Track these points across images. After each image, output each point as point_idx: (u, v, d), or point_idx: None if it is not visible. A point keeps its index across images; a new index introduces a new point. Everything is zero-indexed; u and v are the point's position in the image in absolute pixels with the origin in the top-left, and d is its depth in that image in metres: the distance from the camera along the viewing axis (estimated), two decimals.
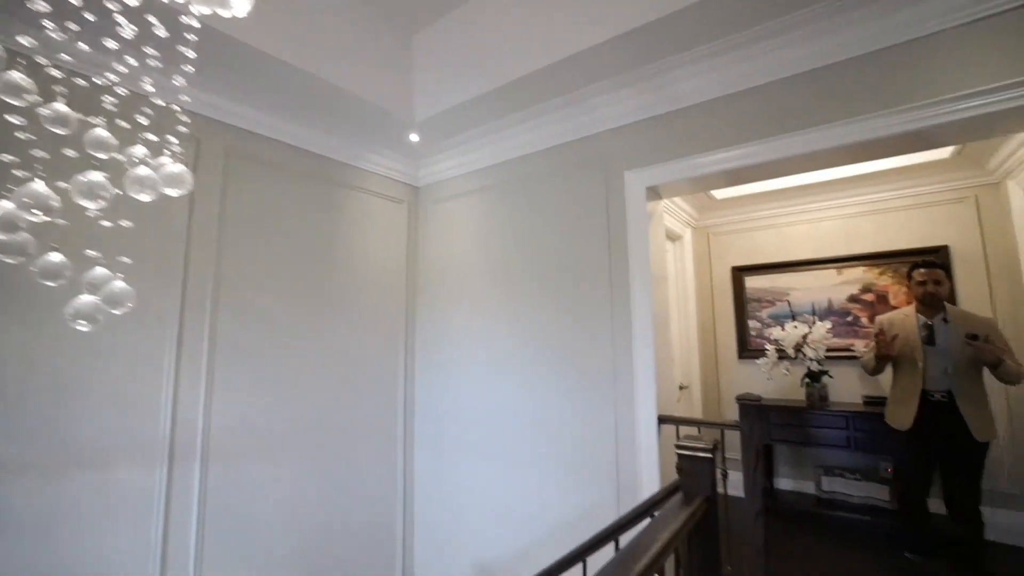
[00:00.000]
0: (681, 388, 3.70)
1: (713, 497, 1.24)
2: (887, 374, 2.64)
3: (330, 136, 2.80)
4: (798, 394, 3.57)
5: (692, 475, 1.24)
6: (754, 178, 2.43)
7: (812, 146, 2.01)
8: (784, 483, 3.72)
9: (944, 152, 3.17)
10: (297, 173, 2.68)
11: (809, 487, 3.57)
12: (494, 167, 3.02)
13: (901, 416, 2.50)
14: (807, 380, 3.41)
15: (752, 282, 3.91)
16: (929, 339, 2.45)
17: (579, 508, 2.55)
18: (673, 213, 3.75)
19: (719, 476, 2.35)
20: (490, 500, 2.89)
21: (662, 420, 2.41)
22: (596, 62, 2.24)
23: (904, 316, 2.58)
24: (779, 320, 3.72)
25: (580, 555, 1.48)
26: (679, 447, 1.26)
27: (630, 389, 2.49)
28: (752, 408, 2.16)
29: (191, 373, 2.13)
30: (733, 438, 2.13)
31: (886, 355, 2.49)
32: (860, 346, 3.42)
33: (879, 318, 2.70)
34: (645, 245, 2.52)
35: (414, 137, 2.99)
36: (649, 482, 2.39)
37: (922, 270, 2.52)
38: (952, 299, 3.00)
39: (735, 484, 3.77)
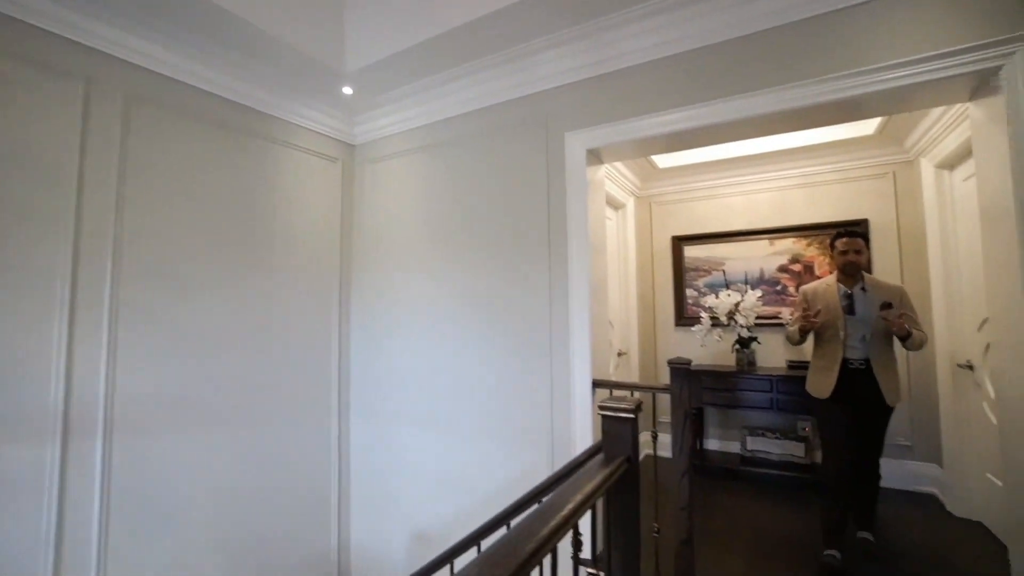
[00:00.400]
0: (620, 355, 3.79)
1: (634, 457, 1.25)
2: (809, 342, 2.77)
3: (254, 85, 2.56)
4: (729, 360, 3.74)
5: (613, 436, 1.24)
6: (694, 143, 2.44)
7: (750, 111, 2.03)
8: (713, 443, 3.93)
9: (868, 128, 3.31)
10: (216, 123, 2.44)
11: (735, 446, 3.79)
12: (433, 125, 2.89)
13: (821, 385, 2.54)
14: (737, 346, 3.57)
15: (691, 251, 4.01)
16: (849, 308, 2.50)
17: (516, 472, 2.58)
18: (617, 181, 3.75)
19: (649, 437, 2.43)
20: (429, 466, 2.89)
21: (596, 384, 2.44)
22: (535, 14, 2.14)
23: (826, 286, 2.60)
24: (714, 288, 3.85)
25: (504, 519, 1.48)
26: (602, 408, 1.25)
27: (566, 354, 2.51)
28: (682, 371, 2.21)
29: (88, 337, 1.93)
30: (667, 402, 2.20)
31: (810, 328, 2.51)
32: (787, 314, 3.61)
33: (802, 288, 2.71)
34: (584, 209, 2.49)
35: (348, 90, 2.79)
36: (583, 445, 2.43)
37: (844, 239, 2.55)
38: (869, 269, 3.18)
39: (667, 445, 3.95)
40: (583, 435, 2.44)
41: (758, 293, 3.49)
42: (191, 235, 2.31)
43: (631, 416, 1.22)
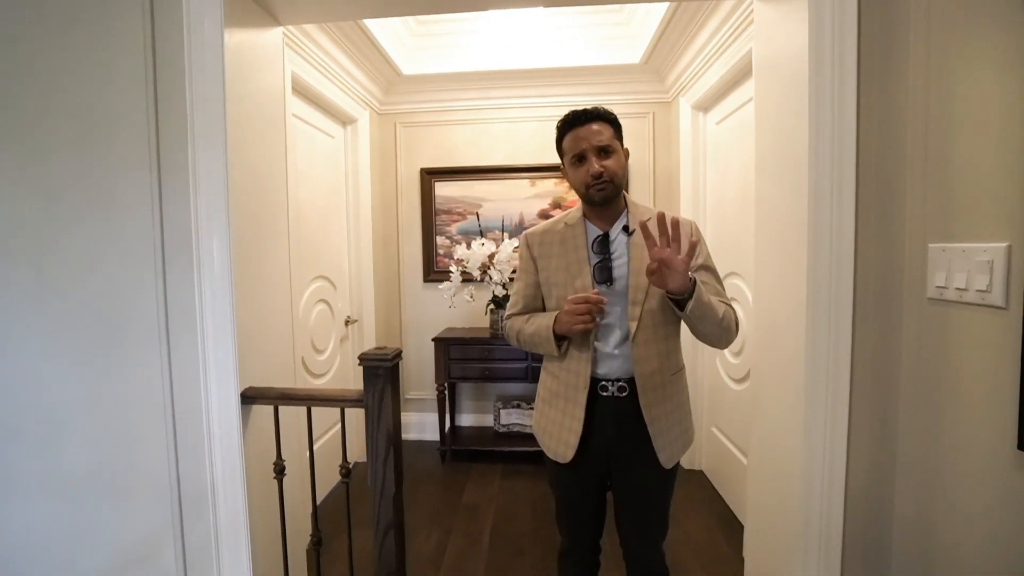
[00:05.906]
0: (348, 323, 2.83)
1: None
2: None
3: None
4: (484, 322, 3.15)
5: None
6: (426, 4, 1.54)
7: None
8: (466, 419, 3.37)
9: (634, 56, 2.91)
10: None
11: (490, 420, 3.29)
12: None
13: (556, 436, 1.28)
14: (492, 306, 2.97)
15: (443, 189, 3.20)
16: (604, 270, 1.23)
17: (123, 545, 1.51)
18: (342, 83, 2.64)
19: (342, 473, 1.59)
20: None
21: (249, 398, 1.46)
22: None
23: (565, 227, 1.32)
24: (469, 236, 3.15)
25: None
26: None
27: (194, 349, 1.45)
28: (383, 371, 1.38)
29: None
30: (421, 373, 1.41)
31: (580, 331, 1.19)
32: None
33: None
34: (219, 97, 1.40)
35: None
36: (228, 493, 1.48)
37: (581, 128, 1.22)
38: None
39: (419, 426, 3.26)
40: (228, 478, 1.47)
41: (515, 243, 2.88)
42: None
43: None
